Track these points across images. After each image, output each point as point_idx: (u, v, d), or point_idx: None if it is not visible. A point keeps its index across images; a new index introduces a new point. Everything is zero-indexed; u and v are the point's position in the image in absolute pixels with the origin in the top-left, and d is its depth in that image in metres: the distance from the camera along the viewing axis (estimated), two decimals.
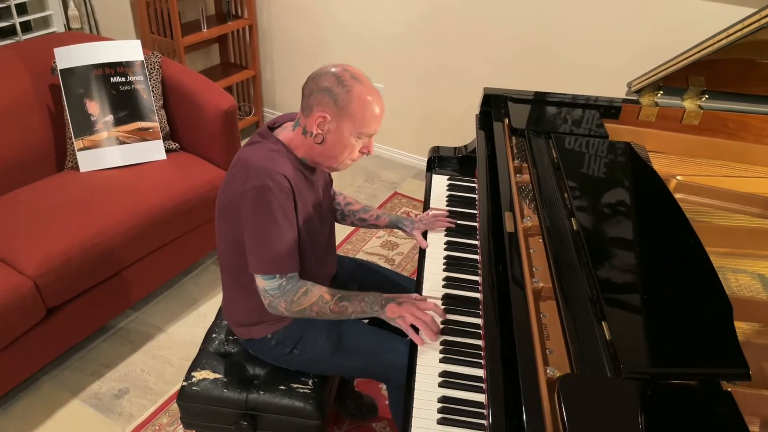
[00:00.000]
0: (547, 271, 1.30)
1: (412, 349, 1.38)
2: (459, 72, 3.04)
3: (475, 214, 1.82)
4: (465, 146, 2.06)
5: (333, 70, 1.36)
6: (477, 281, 1.55)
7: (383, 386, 2.11)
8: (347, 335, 1.56)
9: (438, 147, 2.09)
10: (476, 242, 1.70)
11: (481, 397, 1.25)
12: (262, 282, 1.41)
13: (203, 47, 3.56)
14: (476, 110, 2.00)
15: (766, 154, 1.84)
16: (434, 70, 3.11)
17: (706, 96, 1.88)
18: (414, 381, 1.29)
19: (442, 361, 1.34)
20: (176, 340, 2.32)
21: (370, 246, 2.80)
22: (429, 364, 1.33)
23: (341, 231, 2.78)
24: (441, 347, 1.37)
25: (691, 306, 1.14)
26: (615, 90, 2.01)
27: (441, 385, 1.28)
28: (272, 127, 1.48)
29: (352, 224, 1.80)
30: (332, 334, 1.55)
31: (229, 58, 3.67)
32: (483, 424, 1.19)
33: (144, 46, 3.12)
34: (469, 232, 1.74)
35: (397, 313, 1.44)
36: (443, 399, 1.25)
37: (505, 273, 1.31)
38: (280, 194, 1.34)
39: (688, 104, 1.89)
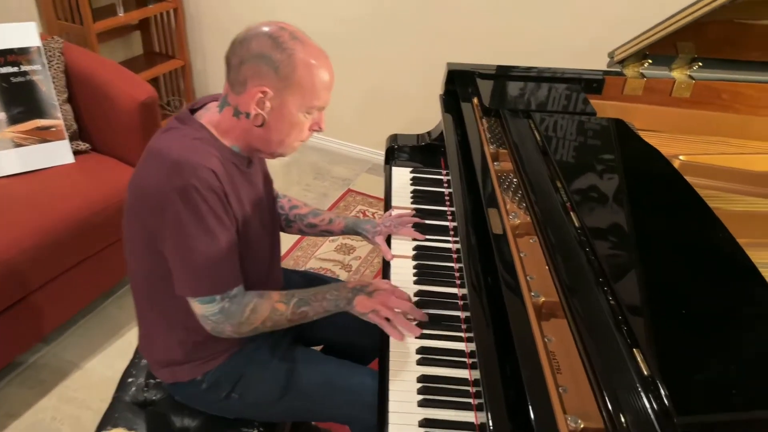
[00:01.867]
0: (544, 280, 1.03)
1: (383, 371, 1.12)
2: (415, 51, 2.75)
3: (445, 211, 1.54)
4: (428, 133, 1.78)
5: (266, 30, 1.05)
6: (456, 294, 1.27)
7: None
8: (299, 371, 1.25)
9: (396, 135, 1.80)
10: (450, 245, 1.42)
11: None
12: (199, 307, 1.10)
13: (122, 35, 3.16)
14: (438, 91, 1.71)
15: (765, 127, 1.63)
16: (386, 50, 2.81)
17: (697, 65, 1.65)
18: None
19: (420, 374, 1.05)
20: (96, 378, 1.95)
21: (324, 251, 2.49)
22: (405, 378, 1.04)
23: (287, 237, 2.45)
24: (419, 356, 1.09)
25: (743, 319, 0.89)
26: (587, 66, 1.76)
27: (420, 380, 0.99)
28: (193, 110, 1.16)
29: (300, 232, 1.48)
30: (280, 371, 1.24)
31: (153, 47, 3.27)
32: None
33: (49, 33, 2.71)
34: (441, 233, 1.46)
35: (368, 306, 1.18)
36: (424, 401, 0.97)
37: (496, 287, 1.03)
38: (209, 194, 1.04)
39: (678, 74, 1.66)
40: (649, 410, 0.76)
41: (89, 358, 2.01)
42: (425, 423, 1.01)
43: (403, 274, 1.33)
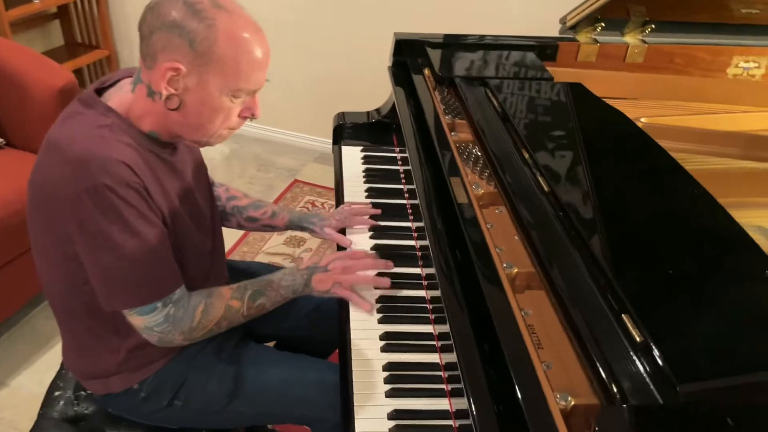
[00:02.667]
0: (514, 251, 0.94)
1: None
2: (356, 27, 2.63)
3: (402, 189, 1.44)
4: (377, 110, 1.67)
5: None
6: (419, 275, 1.17)
7: None
8: (250, 370, 1.13)
9: (344, 113, 1.69)
10: (409, 224, 1.32)
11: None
12: (139, 320, 0.96)
13: (40, 24, 2.91)
14: (384, 65, 1.61)
15: (719, 90, 1.60)
16: (326, 29, 2.68)
17: (650, 28, 1.61)
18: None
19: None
20: (24, 395, 1.76)
21: (272, 245, 2.36)
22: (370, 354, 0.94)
23: (231, 230, 2.30)
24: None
25: (730, 278, 0.83)
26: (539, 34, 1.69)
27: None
28: (103, 89, 1.00)
29: (239, 226, 1.34)
30: (228, 372, 1.12)
31: (74, 37, 3.03)
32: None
33: None
34: (398, 213, 1.36)
35: (328, 281, 1.10)
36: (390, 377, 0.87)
37: (466, 262, 0.94)
38: (125, 191, 0.89)
39: (631, 39, 1.61)
40: (647, 379, 0.68)
41: (16, 375, 1.81)
42: (395, 415, 0.91)
43: None
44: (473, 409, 0.74)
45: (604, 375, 0.69)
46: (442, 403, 0.94)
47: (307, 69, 2.80)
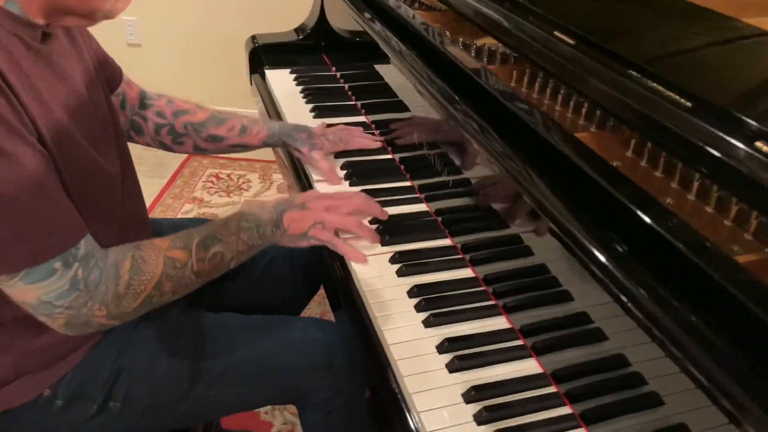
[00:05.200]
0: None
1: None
2: None
3: (355, 106, 1.18)
4: (299, 28, 1.39)
5: None
6: (427, 212, 0.91)
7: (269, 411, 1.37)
8: (212, 343, 0.82)
9: (255, 36, 1.39)
10: (389, 156, 1.06)
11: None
12: (27, 292, 0.63)
13: None
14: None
15: None
16: None
17: None
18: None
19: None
20: None
21: (206, 196, 1.98)
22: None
23: (149, 179, 1.85)
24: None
25: None
26: None
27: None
28: None
29: (196, 150, 1.01)
30: (180, 349, 0.80)
31: None
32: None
33: None
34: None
35: (306, 221, 0.80)
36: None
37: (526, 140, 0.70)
38: None
39: None
40: None
41: None
42: (447, 346, 0.66)
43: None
44: None
45: None
46: (499, 322, 0.70)
47: (189, 23, 2.42)
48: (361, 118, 1.14)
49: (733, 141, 0.50)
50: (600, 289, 0.55)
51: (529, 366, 0.65)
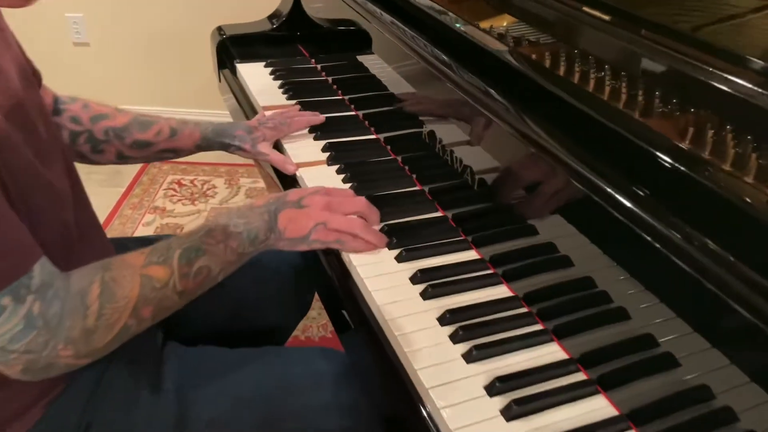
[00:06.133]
0: None
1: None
2: None
3: (343, 100, 1.06)
4: (274, 16, 1.26)
5: None
6: (421, 192, 0.81)
7: None
8: (197, 384, 0.70)
9: (222, 27, 1.25)
10: (373, 135, 0.95)
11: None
12: None
13: None
14: None
15: None
16: None
17: None
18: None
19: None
20: None
21: (168, 204, 1.81)
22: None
23: (99, 193, 1.67)
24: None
25: None
26: None
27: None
28: None
29: (120, 158, 0.87)
30: (162, 395, 0.67)
31: None
32: None
33: None
34: (351, 126, 0.98)
35: (306, 222, 0.67)
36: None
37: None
38: None
39: None
40: None
41: None
42: (498, 387, 0.55)
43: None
44: None
45: None
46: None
47: (144, 19, 2.24)
48: (351, 114, 1.02)
49: None
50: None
51: (598, 405, 0.55)
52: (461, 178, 0.77)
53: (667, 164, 0.51)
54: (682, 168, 0.50)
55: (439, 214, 0.77)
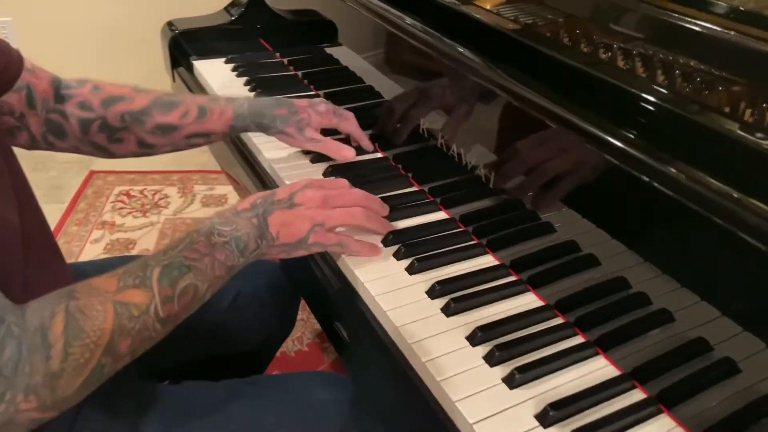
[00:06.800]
0: None
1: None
2: None
3: (319, 96, 0.97)
4: (231, 6, 1.15)
5: None
6: (421, 192, 0.73)
7: None
8: (183, 426, 0.60)
9: (172, 22, 1.14)
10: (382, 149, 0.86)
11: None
12: None
13: None
14: None
15: None
16: None
17: None
18: None
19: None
20: None
21: (96, 240, 1.66)
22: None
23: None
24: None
25: None
26: None
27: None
28: None
29: (141, 148, 0.74)
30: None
31: None
32: None
33: None
34: None
35: (302, 223, 0.60)
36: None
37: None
38: None
39: None
40: None
41: None
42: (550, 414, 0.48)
43: None
44: None
45: None
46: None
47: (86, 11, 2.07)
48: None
49: None
50: None
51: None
52: (465, 172, 0.70)
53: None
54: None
55: (444, 215, 0.70)
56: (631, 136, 0.51)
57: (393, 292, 0.58)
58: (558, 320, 0.56)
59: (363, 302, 0.59)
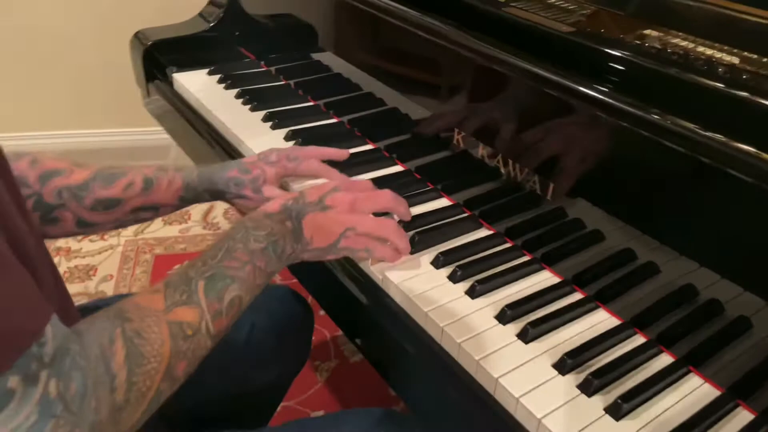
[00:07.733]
0: None
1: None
2: None
3: (318, 107, 0.91)
4: (206, 13, 1.07)
5: None
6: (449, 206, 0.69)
7: None
8: None
9: (142, 32, 1.05)
10: (371, 146, 0.81)
11: None
12: None
13: None
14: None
15: None
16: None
17: None
18: None
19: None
20: None
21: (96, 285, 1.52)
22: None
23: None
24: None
25: None
26: None
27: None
28: None
29: (80, 226, 0.64)
30: None
31: None
32: None
33: None
34: (343, 138, 0.83)
35: (333, 228, 0.58)
36: None
37: None
38: None
39: None
40: None
41: None
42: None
43: None
44: None
45: None
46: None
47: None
48: (332, 121, 0.88)
49: None
50: None
51: None
52: (497, 178, 0.66)
53: None
54: None
55: (489, 231, 0.66)
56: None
57: (461, 320, 0.54)
58: (641, 339, 0.53)
59: (425, 332, 0.55)
